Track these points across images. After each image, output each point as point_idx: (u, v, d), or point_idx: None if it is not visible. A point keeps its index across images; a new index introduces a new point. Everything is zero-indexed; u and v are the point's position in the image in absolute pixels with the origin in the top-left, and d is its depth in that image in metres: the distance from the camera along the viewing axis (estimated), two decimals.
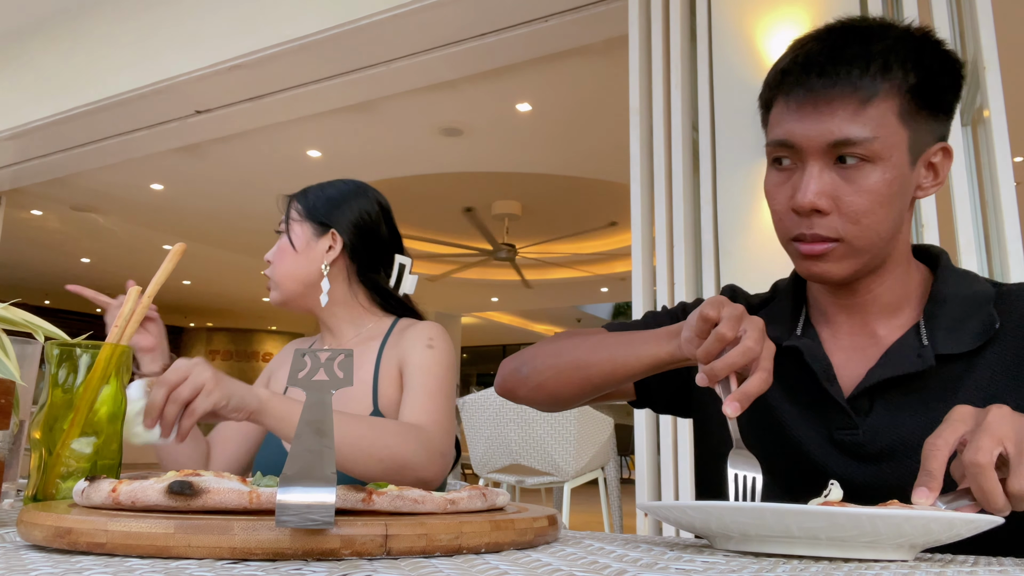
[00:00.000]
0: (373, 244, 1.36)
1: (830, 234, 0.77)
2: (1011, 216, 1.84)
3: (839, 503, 0.58)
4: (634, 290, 2.39)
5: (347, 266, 1.34)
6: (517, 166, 6.23)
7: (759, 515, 0.53)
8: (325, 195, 1.36)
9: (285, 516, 0.43)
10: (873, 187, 0.76)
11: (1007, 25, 2.20)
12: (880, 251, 0.80)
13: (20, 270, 10.44)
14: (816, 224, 0.77)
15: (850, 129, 0.75)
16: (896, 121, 0.76)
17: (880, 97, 0.75)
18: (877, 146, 0.75)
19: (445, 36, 3.34)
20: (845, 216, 0.77)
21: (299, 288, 1.32)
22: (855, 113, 0.75)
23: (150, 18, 3.96)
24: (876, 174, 0.76)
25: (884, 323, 0.84)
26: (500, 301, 12.61)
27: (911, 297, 0.85)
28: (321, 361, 0.63)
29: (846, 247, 0.78)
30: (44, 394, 0.72)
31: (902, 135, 0.76)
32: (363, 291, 1.36)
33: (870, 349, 0.84)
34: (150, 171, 6.23)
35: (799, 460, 0.83)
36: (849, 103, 0.75)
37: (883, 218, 0.77)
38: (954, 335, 0.79)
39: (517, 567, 0.46)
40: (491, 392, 3.29)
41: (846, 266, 0.79)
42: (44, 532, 0.49)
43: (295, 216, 1.35)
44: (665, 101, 2.45)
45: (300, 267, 1.31)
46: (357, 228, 1.34)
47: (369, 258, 1.35)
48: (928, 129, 0.79)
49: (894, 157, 0.76)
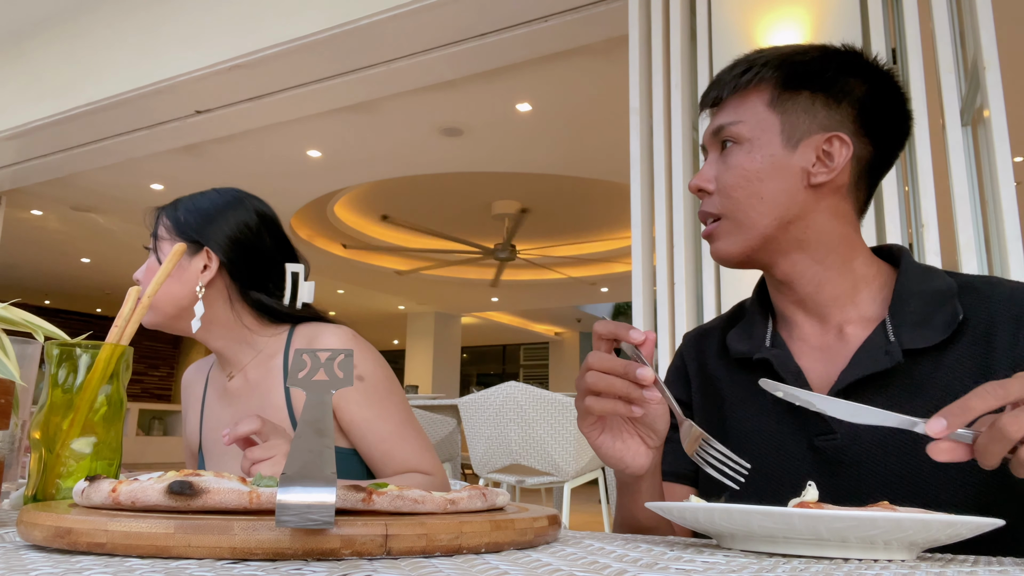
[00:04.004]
0: (255, 259, 1.23)
1: (712, 210, 0.87)
2: (1011, 216, 1.84)
3: (815, 504, 0.58)
4: (634, 290, 2.39)
5: (227, 286, 1.22)
6: (517, 166, 6.23)
7: (760, 517, 0.53)
8: (197, 208, 1.24)
9: (285, 516, 0.43)
10: (740, 163, 0.85)
11: (1007, 25, 2.20)
12: (772, 231, 0.84)
13: (20, 270, 10.45)
14: (705, 203, 0.89)
15: (723, 118, 0.88)
16: (765, 108, 0.85)
17: (754, 91, 0.86)
18: (743, 128, 0.85)
19: (445, 36, 3.34)
20: (721, 193, 0.86)
21: (173, 311, 1.20)
22: (731, 107, 0.88)
23: (150, 18, 3.96)
24: (742, 153, 0.85)
25: (848, 320, 0.85)
26: (500, 301, 12.61)
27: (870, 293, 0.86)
28: (321, 361, 0.63)
29: (728, 223, 0.86)
30: (44, 394, 0.72)
31: (772, 120, 0.85)
32: (248, 311, 1.24)
33: (838, 349, 0.84)
34: (150, 171, 6.24)
35: (779, 470, 0.83)
36: (731, 100, 0.88)
37: (753, 193, 0.84)
38: (920, 330, 0.79)
39: (517, 567, 0.46)
40: (491, 392, 3.29)
41: (733, 243, 0.86)
42: (44, 532, 0.49)
43: (163, 233, 1.23)
44: (665, 101, 2.45)
45: (173, 289, 1.19)
46: (234, 244, 1.21)
47: (251, 275, 1.23)
48: (811, 118, 0.85)
49: (762, 138, 0.85)
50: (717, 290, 2.26)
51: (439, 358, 12.77)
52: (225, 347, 1.25)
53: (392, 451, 1.16)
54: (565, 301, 12.59)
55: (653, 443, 0.77)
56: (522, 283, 10.74)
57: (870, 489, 0.77)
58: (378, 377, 1.19)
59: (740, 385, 0.90)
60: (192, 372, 1.40)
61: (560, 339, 16.21)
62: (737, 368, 0.91)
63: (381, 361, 1.21)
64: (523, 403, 3.18)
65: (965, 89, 2.09)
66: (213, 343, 1.25)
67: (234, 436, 0.95)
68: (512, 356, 17.83)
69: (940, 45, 2.06)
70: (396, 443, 1.17)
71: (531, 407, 3.18)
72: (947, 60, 2.04)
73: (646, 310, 2.38)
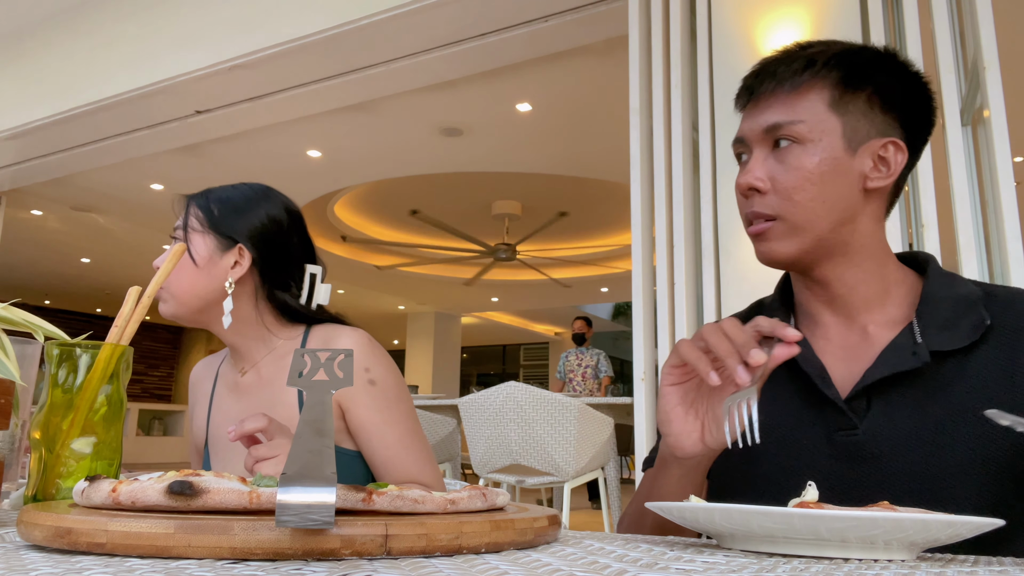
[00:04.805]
0: (282, 257, 1.23)
1: (766, 211, 0.84)
2: (1011, 216, 1.84)
3: (815, 504, 0.58)
4: (634, 290, 2.39)
5: (254, 283, 1.22)
6: (517, 166, 6.24)
7: (760, 517, 0.53)
8: (229, 202, 1.22)
9: (285, 516, 0.43)
10: (802, 165, 0.82)
11: (1007, 25, 2.20)
12: (826, 233, 0.83)
13: (20, 270, 10.45)
14: (756, 203, 0.85)
15: (779, 115, 0.84)
16: (825, 109, 0.83)
17: (813, 89, 0.84)
18: (803, 128, 0.83)
19: (445, 36, 3.34)
20: (779, 194, 0.83)
21: (199, 305, 1.19)
22: (788, 103, 0.84)
23: (150, 18, 3.96)
24: (805, 154, 0.83)
25: (874, 321, 0.86)
26: (500, 301, 12.62)
27: (898, 296, 0.86)
28: (321, 361, 0.63)
29: (784, 225, 0.84)
30: (44, 394, 0.72)
31: (834, 122, 0.83)
32: (270, 309, 1.23)
33: (862, 349, 0.85)
34: (150, 171, 6.24)
35: (797, 463, 0.84)
36: (780, 96, 0.85)
37: (815, 196, 0.82)
38: (947, 333, 0.80)
39: (517, 567, 0.46)
40: (491, 392, 3.29)
41: (787, 245, 0.84)
42: (44, 532, 0.49)
43: (196, 226, 1.21)
44: (665, 101, 2.45)
45: (201, 283, 1.18)
46: (265, 241, 1.21)
47: (278, 274, 1.23)
48: (869, 122, 0.84)
49: (824, 140, 0.83)
50: (717, 290, 2.27)
51: (439, 358, 12.77)
52: (242, 343, 1.24)
53: (395, 458, 1.17)
54: (565, 301, 12.60)
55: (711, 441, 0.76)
56: (522, 283, 10.74)
57: (888, 485, 0.78)
58: (390, 383, 1.19)
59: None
60: (201, 368, 1.40)
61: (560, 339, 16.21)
62: None
63: (394, 368, 1.21)
64: (523, 403, 3.18)
65: (965, 89, 2.09)
66: (231, 338, 1.24)
67: (239, 433, 0.95)
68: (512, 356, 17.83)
69: (940, 45, 2.06)
70: (399, 451, 1.17)
71: (531, 407, 3.18)
72: (947, 60, 2.04)
73: (646, 310, 2.38)
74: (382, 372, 1.18)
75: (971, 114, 2.08)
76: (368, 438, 1.17)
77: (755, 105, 0.87)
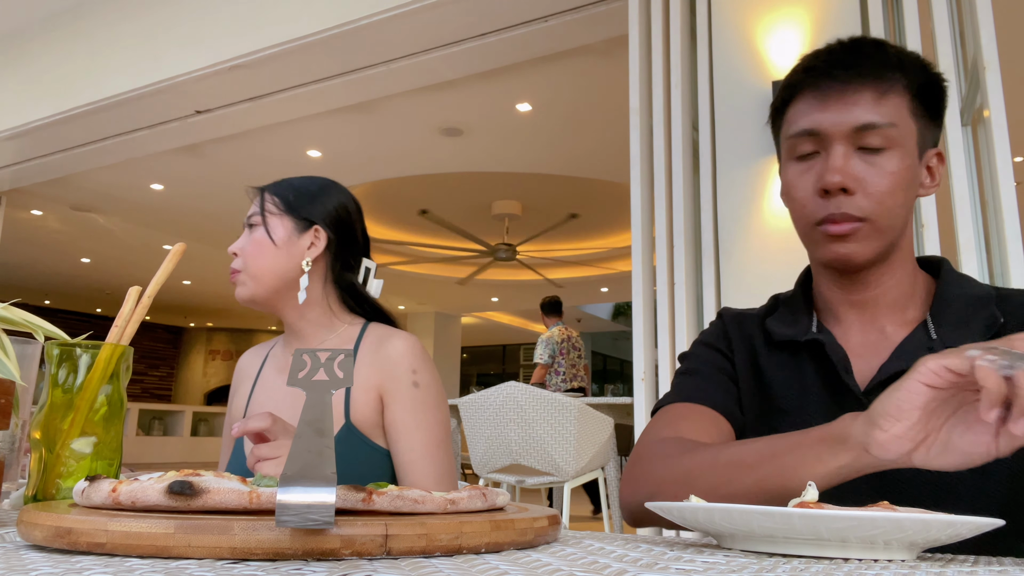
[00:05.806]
0: (351, 242, 1.31)
1: (857, 213, 0.82)
2: (1011, 216, 1.84)
3: (815, 504, 0.58)
4: (634, 290, 2.39)
5: (326, 264, 1.28)
6: (517, 166, 6.23)
7: (761, 517, 0.53)
8: (304, 189, 1.29)
9: (285, 516, 0.43)
10: (894, 170, 0.82)
11: (1007, 25, 2.20)
12: (895, 238, 0.84)
13: (20, 270, 10.45)
14: (844, 204, 0.82)
15: (872, 115, 0.81)
16: (908, 115, 0.83)
17: (895, 90, 0.82)
18: (895, 133, 0.81)
19: (445, 36, 3.34)
20: (871, 196, 0.81)
21: (277, 284, 1.24)
22: (875, 102, 0.81)
23: (150, 18, 3.96)
24: (896, 159, 0.82)
25: (892, 322, 0.87)
26: (500, 301, 12.61)
27: (916, 297, 0.88)
28: (321, 361, 0.63)
29: (870, 228, 0.82)
30: (44, 394, 0.72)
31: (912, 128, 0.83)
32: (336, 293, 1.29)
33: (880, 346, 0.86)
34: (150, 171, 6.24)
35: None
36: (869, 92, 0.82)
37: (902, 202, 0.83)
38: (961, 330, 0.82)
39: (517, 567, 0.46)
40: (491, 392, 3.29)
41: (868, 247, 0.83)
42: (44, 532, 0.49)
43: (272, 209, 1.27)
44: (665, 101, 2.45)
45: (280, 263, 1.24)
46: (338, 224, 1.28)
47: (346, 257, 1.30)
48: (929, 131, 0.86)
49: (907, 146, 0.83)
50: (717, 290, 2.27)
51: (439, 358, 12.77)
52: (306, 327, 1.28)
53: (415, 464, 1.17)
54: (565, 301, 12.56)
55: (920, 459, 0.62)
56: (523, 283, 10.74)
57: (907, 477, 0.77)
58: (432, 391, 1.21)
59: (781, 365, 0.91)
60: (248, 355, 1.42)
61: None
62: (777, 350, 0.92)
63: (438, 380, 1.24)
64: (523, 403, 3.18)
65: (965, 89, 2.09)
66: (297, 322, 1.28)
67: (243, 430, 0.95)
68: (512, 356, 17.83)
69: (940, 45, 2.06)
70: (421, 457, 1.18)
71: (531, 407, 3.17)
72: (947, 60, 2.04)
73: (646, 310, 2.38)
74: (428, 378, 1.22)
75: (971, 114, 2.08)
76: (397, 437, 1.19)
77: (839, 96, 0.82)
